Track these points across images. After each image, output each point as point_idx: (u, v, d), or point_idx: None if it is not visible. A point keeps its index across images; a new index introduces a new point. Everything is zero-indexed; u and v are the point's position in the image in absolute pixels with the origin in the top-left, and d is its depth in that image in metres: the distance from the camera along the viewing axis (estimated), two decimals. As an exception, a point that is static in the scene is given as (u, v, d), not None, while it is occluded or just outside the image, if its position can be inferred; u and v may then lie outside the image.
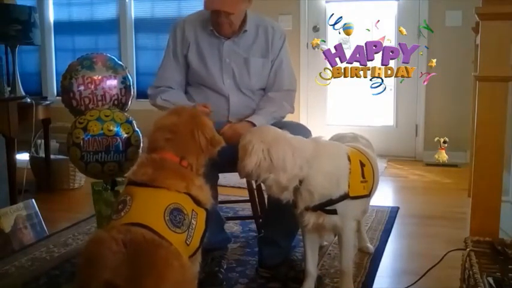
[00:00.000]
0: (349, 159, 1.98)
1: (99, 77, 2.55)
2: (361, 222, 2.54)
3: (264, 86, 2.42)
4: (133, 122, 2.51)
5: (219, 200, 2.63)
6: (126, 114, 2.56)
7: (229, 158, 1.96)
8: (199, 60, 2.35)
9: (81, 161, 2.42)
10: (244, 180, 2.40)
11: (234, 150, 1.96)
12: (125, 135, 2.45)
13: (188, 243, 1.60)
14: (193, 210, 1.65)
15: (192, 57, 2.35)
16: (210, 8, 2.23)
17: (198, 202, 1.68)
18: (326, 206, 1.95)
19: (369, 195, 2.10)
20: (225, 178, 3.03)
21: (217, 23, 2.28)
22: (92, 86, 2.54)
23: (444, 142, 4.05)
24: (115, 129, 2.44)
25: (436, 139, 4.03)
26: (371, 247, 2.56)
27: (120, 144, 2.42)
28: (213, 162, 2.01)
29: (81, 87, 2.52)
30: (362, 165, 2.02)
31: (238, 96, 2.35)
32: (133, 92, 2.74)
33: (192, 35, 2.35)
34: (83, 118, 2.46)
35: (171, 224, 1.56)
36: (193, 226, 1.63)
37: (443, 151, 4.06)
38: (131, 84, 2.71)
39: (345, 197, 1.94)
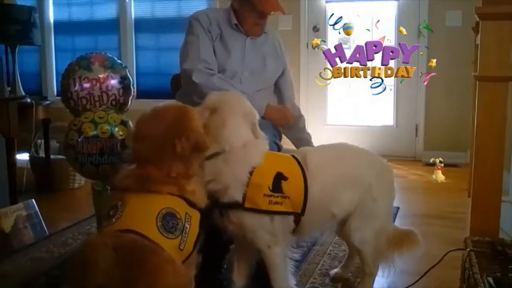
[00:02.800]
0: (252, 170, 1.79)
1: (97, 77, 2.54)
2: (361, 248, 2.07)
3: (273, 83, 2.53)
4: (129, 123, 2.50)
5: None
6: (121, 115, 2.55)
7: None
8: (224, 50, 2.38)
9: (77, 163, 2.41)
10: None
11: None
12: (120, 137, 2.44)
13: (182, 248, 1.57)
14: (186, 213, 1.61)
15: (217, 46, 2.38)
16: (270, 11, 2.33)
17: (191, 204, 1.64)
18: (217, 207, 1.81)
19: (292, 213, 1.85)
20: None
21: (258, 23, 2.39)
22: (89, 86, 2.53)
23: (440, 162, 4.05)
24: (109, 131, 2.43)
25: (431, 160, 4.05)
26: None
27: (115, 146, 2.41)
28: None
29: (78, 88, 2.51)
30: (282, 178, 1.81)
31: (253, 87, 2.38)
32: (134, 92, 2.74)
33: (216, 28, 2.40)
34: (77, 120, 2.45)
35: (164, 230, 1.53)
36: (187, 230, 1.59)
37: (440, 171, 4.05)
38: (131, 83, 2.70)
39: (236, 205, 1.78)
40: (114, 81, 2.59)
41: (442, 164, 4.08)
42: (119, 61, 2.70)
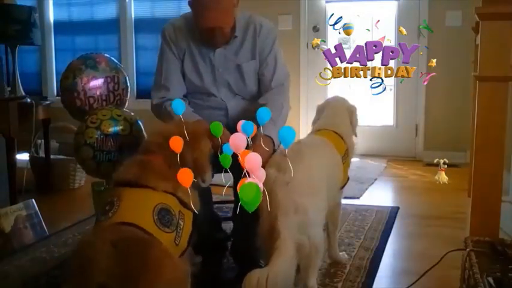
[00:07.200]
0: None
1: (104, 77, 2.55)
2: None
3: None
4: (141, 122, 2.54)
5: (218, 199, 2.63)
6: (133, 114, 2.57)
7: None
8: (193, 69, 2.28)
9: (93, 161, 2.41)
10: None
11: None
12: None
13: (177, 243, 1.60)
14: (180, 211, 1.65)
15: (186, 65, 2.28)
16: (206, 26, 2.13)
17: (184, 204, 1.67)
18: None
19: None
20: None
21: (210, 37, 2.19)
22: (97, 86, 2.54)
23: (444, 163, 4.04)
24: (128, 129, 2.46)
25: (436, 160, 4.05)
26: None
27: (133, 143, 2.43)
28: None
29: (86, 87, 2.52)
30: None
31: (236, 101, 2.30)
32: (129, 92, 2.76)
33: (184, 43, 2.27)
34: (95, 118, 2.45)
35: (160, 223, 1.56)
36: (181, 227, 1.62)
37: (443, 172, 4.03)
38: (128, 84, 2.73)
39: None
40: (120, 81, 2.62)
41: (446, 166, 4.07)
42: (118, 62, 2.72)
